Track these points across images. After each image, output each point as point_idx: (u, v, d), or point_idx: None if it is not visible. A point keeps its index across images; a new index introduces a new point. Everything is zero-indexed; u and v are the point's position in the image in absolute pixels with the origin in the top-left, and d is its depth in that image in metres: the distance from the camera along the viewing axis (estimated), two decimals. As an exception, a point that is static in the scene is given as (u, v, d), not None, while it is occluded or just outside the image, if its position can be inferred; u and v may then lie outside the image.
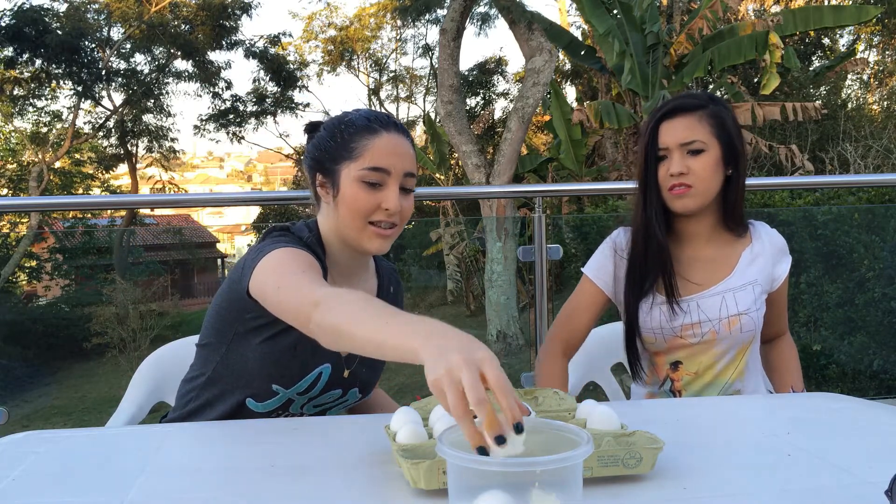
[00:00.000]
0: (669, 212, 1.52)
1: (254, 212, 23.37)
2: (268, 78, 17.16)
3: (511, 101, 16.27)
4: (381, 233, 1.26)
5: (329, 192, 1.28)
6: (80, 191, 17.89)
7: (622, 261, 1.56)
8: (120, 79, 15.79)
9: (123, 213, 15.75)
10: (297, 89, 18.04)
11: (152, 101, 16.05)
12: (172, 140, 17.22)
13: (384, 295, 1.43)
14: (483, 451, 0.71)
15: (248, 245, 14.21)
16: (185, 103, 70.98)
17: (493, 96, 17.26)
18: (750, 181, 3.47)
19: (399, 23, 18.35)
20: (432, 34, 19.64)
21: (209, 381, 1.32)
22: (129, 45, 15.69)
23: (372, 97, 19.99)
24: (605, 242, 1.61)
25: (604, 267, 1.58)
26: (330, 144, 1.27)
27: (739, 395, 1.54)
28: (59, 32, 13.75)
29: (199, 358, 1.36)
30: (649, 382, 1.58)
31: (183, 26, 15.63)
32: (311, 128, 1.35)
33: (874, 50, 14.16)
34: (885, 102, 12.85)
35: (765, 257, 1.54)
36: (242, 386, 1.28)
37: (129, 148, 16.94)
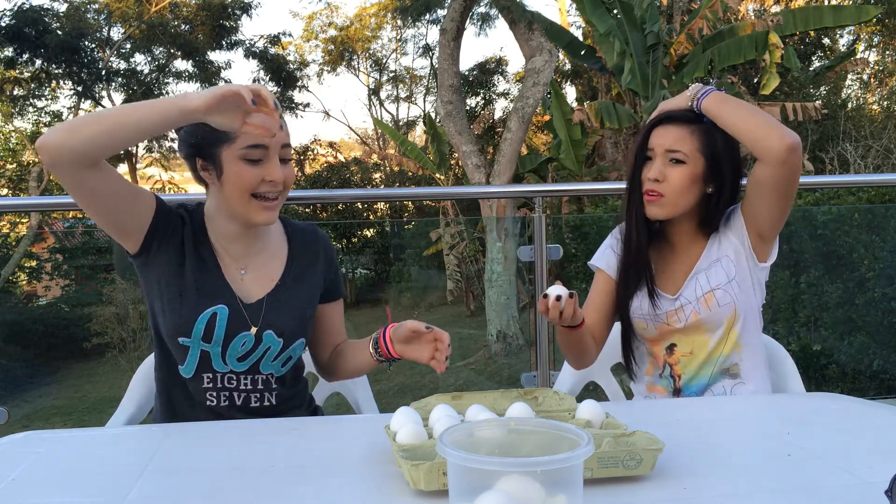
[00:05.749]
0: None
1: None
2: (268, 78, 17.12)
3: (511, 101, 16.24)
4: (266, 205, 1.35)
5: (212, 173, 1.36)
6: (81, 191, 17.85)
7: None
8: (120, 79, 15.77)
9: (123, 212, 15.70)
10: (297, 89, 18.02)
11: (152, 101, 16.04)
12: (172, 140, 17.19)
13: (297, 262, 1.45)
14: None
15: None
16: (185, 103, 70.78)
17: (493, 96, 17.20)
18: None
19: (399, 23, 18.34)
20: (432, 34, 19.61)
21: (155, 362, 1.43)
22: (129, 45, 15.67)
23: (372, 97, 19.99)
24: (610, 234, 1.68)
25: (609, 254, 1.64)
26: (205, 129, 1.31)
27: (739, 374, 1.54)
28: (59, 32, 13.72)
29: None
30: (650, 374, 1.61)
31: (183, 26, 15.61)
32: None
33: (874, 50, 14.14)
34: (885, 102, 12.84)
35: (724, 231, 1.56)
36: (165, 351, 1.38)
37: (129, 148, 16.93)
